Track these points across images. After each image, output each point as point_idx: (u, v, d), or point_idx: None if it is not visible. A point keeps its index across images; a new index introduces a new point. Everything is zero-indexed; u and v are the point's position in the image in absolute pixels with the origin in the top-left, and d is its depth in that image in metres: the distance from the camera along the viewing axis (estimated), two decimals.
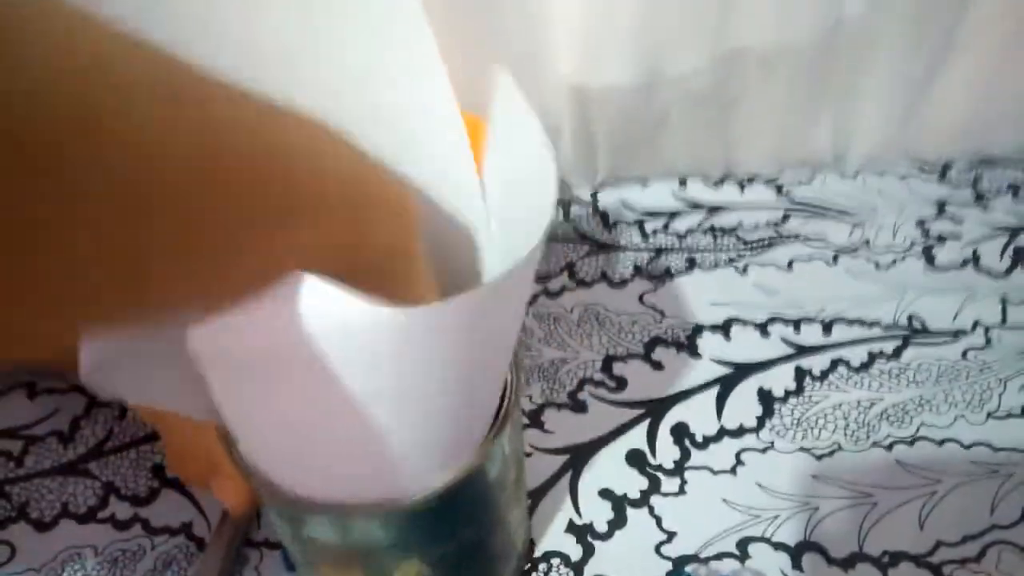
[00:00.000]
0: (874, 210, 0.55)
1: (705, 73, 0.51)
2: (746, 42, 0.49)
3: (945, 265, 0.51)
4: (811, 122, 0.56)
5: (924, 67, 0.53)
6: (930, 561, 0.39)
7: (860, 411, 0.45)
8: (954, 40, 0.51)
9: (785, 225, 0.54)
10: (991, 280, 0.50)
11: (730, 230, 0.54)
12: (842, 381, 0.46)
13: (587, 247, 0.54)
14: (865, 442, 0.44)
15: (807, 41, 0.50)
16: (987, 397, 0.45)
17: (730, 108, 0.54)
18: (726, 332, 0.49)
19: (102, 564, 0.41)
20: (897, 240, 0.53)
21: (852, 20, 0.49)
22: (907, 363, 0.47)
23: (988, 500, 0.41)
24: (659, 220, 0.55)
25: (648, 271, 0.52)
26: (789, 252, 0.53)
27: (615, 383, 0.47)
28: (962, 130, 0.57)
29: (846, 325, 0.49)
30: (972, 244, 0.52)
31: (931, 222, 0.54)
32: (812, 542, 0.40)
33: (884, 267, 0.51)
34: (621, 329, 0.49)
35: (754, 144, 0.57)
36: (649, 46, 0.49)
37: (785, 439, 0.44)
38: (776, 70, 0.51)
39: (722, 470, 0.43)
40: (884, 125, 0.56)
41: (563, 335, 0.49)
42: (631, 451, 0.44)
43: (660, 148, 0.56)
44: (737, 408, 0.45)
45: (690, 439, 0.44)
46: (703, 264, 0.52)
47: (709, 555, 0.40)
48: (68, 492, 0.43)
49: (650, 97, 0.52)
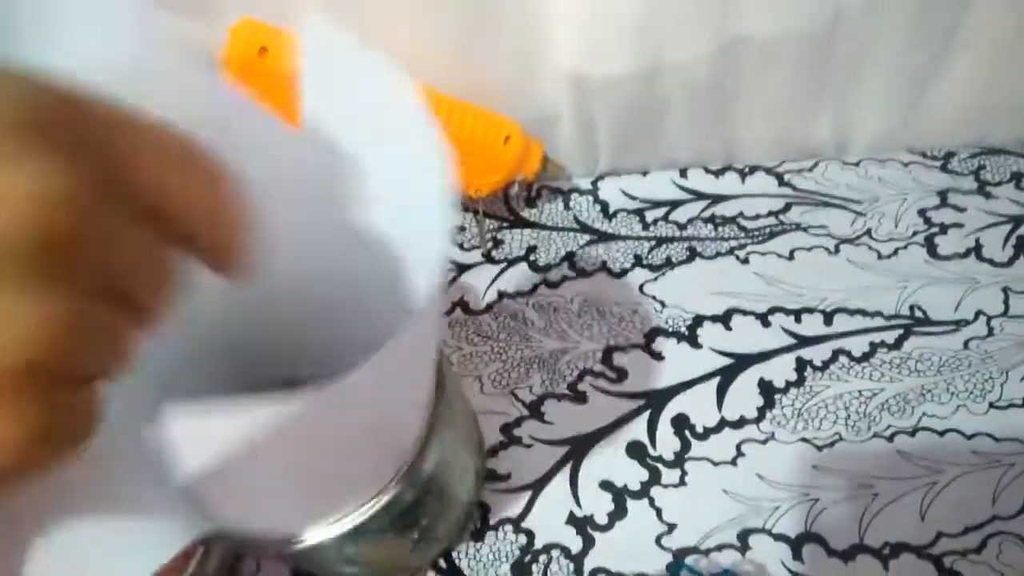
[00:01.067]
0: (876, 199, 0.54)
1: (706, 63, 0.50)
2: (747, 31, 0.49)
3: (947, 255, 0.51)
4: (812, 111, 0.55)
5: (926, 56, 0.52)
6: (931, 552, 0.39)
7: (861, 401, 0.45)
8: (956, 29, 0.51)
9: (786, 214, 0.54)
10: (993, 270, 0.50)
11: (731, 219, 0.54)
12: (843, 371, 0.46)
13: (587, 236, 0.54)
14: (866, 433, 0.43)
15: (808, 30, 0.50)
16: (989, 387, 0.45)
17: (731, 98, 0.53)
18: (727, 322, 0.48)
19: None
20: (899, 229, 0.53)
21: (854, 9, 0.48)
22: (908, 353, 0.47)
23: (989, 491, 0.41)
24: (660, 209, 0.55)
25: (648, 261, 0.52)
26: (790, 242, 0.52)
27: (615, 374, 0.47)
28: (964, 120, 0.56)
29: (847, 315, 0.48)
30: (974, 233, 0.52)
31: (933, 211, 0.53)
32: (813, 533, 0.40)
33: (886, 256, 0.51)
34: (621, 319, 0.49)
35: (755, 133, 0.56)
36: (650, 36, 0.48)
37: (786, 430, 0.44)
38: (777, 59, 0.51)
39: (723, 461, 0.43)
40: (886, 114, 0.56)
41: (563, 325, 0.49)
42: (631, 442, 0.44)
43: (661, 138, 0.55)
44: (738, 399, 0.45)
45: (690, 430, 0.44)
46: (704, 254, 0.52)
47: (709, 546, 0.40)
48: None
49: (651, 87, 0.51)
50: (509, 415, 0.45)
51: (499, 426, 0.45)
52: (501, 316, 0.50)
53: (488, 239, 0.54)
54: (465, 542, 0.41)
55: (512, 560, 0.40)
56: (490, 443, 0.45)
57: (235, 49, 0.41)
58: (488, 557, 0.41)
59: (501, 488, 0.43)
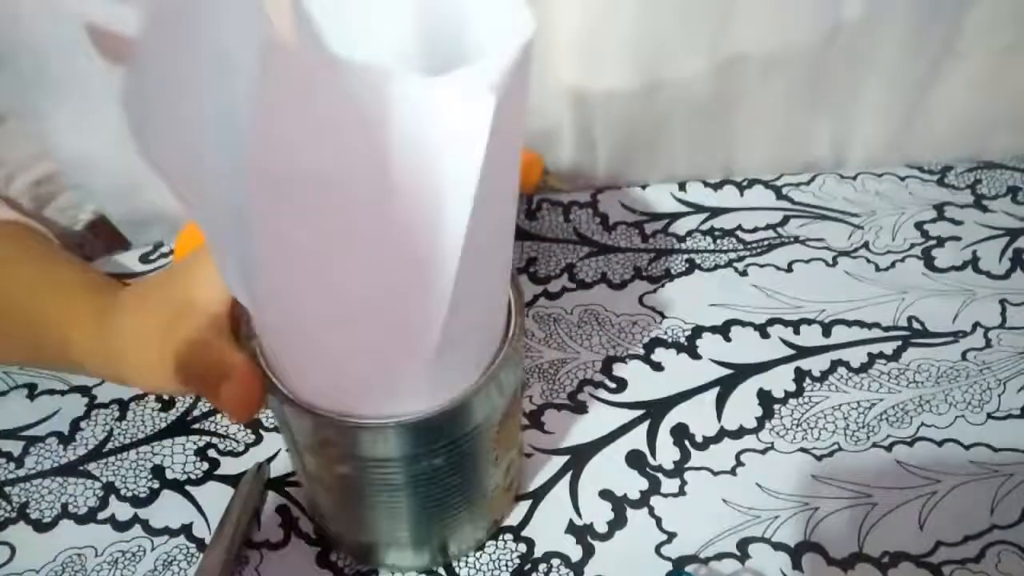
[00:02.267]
0: (873, 212, 0.55)
1: (705, 77, 0.51)
2: (745, 46, 0.50)
3: (945, 267, 0.52)
4: (810, 126, 0.56)
5: (923, 70, 0.53)
6: (930, 561, 0.39)
7: (860, 412, 0.45)
8: (953, 44, 0.51)
9: (785, 227, 0.54)
10: (991, 282, 0.51)
11: (730, 232, 0.54)
12: (842, 382, 0.46)
13: (587, 249, 0.54)
14: (865, 443, 0.44)
15: (806, 45, 0.50)
16: (987, 398, 0.45)
17: (730, 112, 0.54)
18: (726, 333, 0.49)
19: (102, 565, 0.41)
20: (896, 242, 0.53)
21: (851, 24, 0.49)
22: (907, 364, 0.47)
23: (988, 500, 0.41)
24: (659, 222, 0.55)
25: (648, 273, 0.52)
26: (789, 254, 0.53)
27: (615, 384, 0.47)
28: (960, 134, 0.57)
29: (846, 326, 0.49)
30: (971, 246, 0.53)
31: (930, 224, 0.54)
32: (812, 542, 0.40)
33: (884, 269, 0.52)
34: (621, 330, 0.49)
35: (754, 148, 0.57)
36: (649, 50, 0.49)
37: (785, 440, 0.44)
38: (775, 74, 0.52)
39: (722, 471, 0.43)
40: (883, 128, 0.56)
41: (563, 336, 0.49)
42: (631, 452, 0.44)
43: (660, 152, 0.56)
44: (737, 409, 0.45)
45: (690, 440, 0.44)
46: (703, 266, 0.52)
47: (709, 555, 0.40)
48: (68, 493, 0.43)
49: (650, 101, 0.52)
50: None
51: None
52: None
53: None
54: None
55: (512, 569, 0.40)
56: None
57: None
58: (488, 566, 0.41)
59: None
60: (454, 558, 0.40)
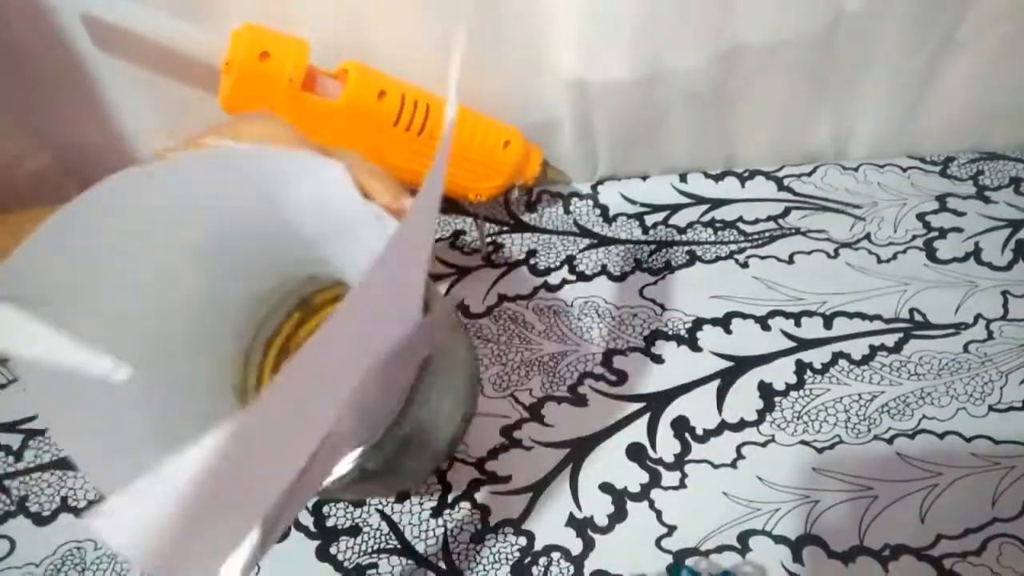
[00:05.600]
0: (875, 204, 0.54)
1: (705, 68, 0.50)
2: (747, 37, 0.49)
3: (946, 259, 0.51)
4: (812, 117, 0.56)
5: (925, 62, 0.52)
6: (931, 554, 0.39)
7: (861, 404, 0.45)
8: (955, 35, 0.51)
9: (786, 219, 0.54)
10: (992, 273, 0.50)
11: (731, 223, 0.54)
12: (843, 374, 0.46)
13: (587, 240, 0.54)
14: (866, 435, 0.44)
15: (807, 36, 0.50)
16: (988, 390, 0.45)
17: (731, 103, 0.54)
18: (727, 325, 0.49)
19: (102, 558, 0.40)
20: (898, 234, 0.53)
21: (852, 15, 0.49)
22: (908, 356, 0.47)
23: (989, 493, 0.41)
24: (660, 214, 0.55)
25: (648, 264, 0.52)
26: (790, 245, 0.52)
27: (615, 377, 0.47)
28: (962, 125, 0.56)
29: (847, 318, 0.49)
30: (973, 237, 0.52)
31: (932, 216, 0.54)
32: (813, 535, 0.40)
33: (885, 260, 0.51)
34: (621, 322, 0.49)
35: (755, 138, 0.56)
36: (650, 42, 0.49)
37: (786, 432, 0.44)
38: (776, 65, 0.51)
39: (723, 463, 0.43)
40: (885, 119, 0.56)
41: (563, 329, 0.49)
42: (631, 445, 0.44)
43: (661, 143, 0.56)
44: (738, 401, 0.45)
45: (690, 433, 0.44)
46: (704, 257, 0.52)
47: (710, 548, 0.40)
48: (67, 486, 0.43)
49: (651, 92, 0.51)
50: (509, 418, 0.46)
51: (499, 428, 0.45)
52: (501, 319, 0.50)
53: (488, 243, 0.54)
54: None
55: (512, 562, 0.40)
56: (490, 445, 0.45)
57: (237, 53, 0.41)
58: (488, 559, 0.41)
59: (501, 490, 0.43)
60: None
